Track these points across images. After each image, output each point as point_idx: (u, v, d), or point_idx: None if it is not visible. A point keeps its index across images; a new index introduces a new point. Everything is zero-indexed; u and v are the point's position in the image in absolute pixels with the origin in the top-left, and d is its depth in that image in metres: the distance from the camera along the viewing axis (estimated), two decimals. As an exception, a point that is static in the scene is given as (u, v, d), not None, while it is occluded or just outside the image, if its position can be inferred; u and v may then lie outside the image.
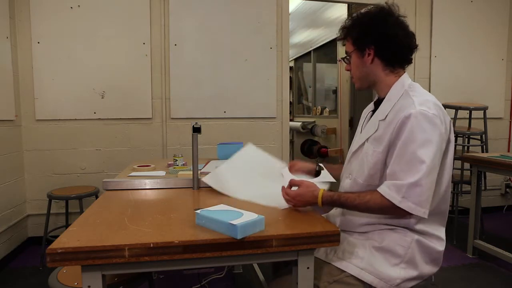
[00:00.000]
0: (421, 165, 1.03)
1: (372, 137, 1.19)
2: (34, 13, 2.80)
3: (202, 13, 3.06)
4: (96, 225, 1.04)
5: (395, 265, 1.14)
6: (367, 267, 1.13)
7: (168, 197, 1.43)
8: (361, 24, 1.20)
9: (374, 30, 1.17)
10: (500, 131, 3.84)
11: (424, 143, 1.04)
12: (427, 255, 1.16)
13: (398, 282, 1.13)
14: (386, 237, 1.16)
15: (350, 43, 1.23)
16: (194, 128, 1.52)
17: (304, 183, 1.17)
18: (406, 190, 1.03)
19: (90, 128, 2.95)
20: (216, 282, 2.33)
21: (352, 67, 1.25)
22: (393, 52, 1.19)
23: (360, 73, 1.24)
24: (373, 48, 1.18)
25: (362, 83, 1.26)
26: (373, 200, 1.08)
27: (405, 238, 1.14)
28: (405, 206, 1.03)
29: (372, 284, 1.13)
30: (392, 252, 1.14)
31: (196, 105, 3.10)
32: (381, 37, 1.17)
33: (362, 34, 1.19)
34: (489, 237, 3.05)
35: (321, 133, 4.98)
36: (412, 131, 1.06)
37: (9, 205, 2.68)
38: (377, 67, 1.20)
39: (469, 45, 3.65)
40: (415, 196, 1.03)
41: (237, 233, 0.91)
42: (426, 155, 1.04)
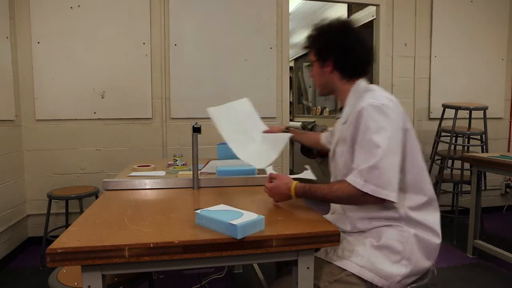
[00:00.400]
0: (377, 149, 1.08)
1: (339, 140, 1.28)
2: (34, 13, 2.80)
3: (202, 13, 3.06)
4: (96, 225, 1.04)
5: (395, 262, 1.15)
6: (367, 265, 1.15)
7: (168, 197, 1.43)
8: (323, 37, 1.29)
9: (334, 44, 1.26)
10: (500, 131, 3.84)
11: (377, 130, 1.10)
12: (425, 249, 1.18)
13: (398, 279, 1.14)
14: (384, 234, 1.18)
15: (312, 53, 1.33)
16: (194, 128, 1.52)
17: (280, 177, 1.25)
18: (367, 174, 1.08)
19: (90, 128, 2.95)
20: (216, 282, 2.33)
21: (313, 75, 1.36)
22: (351, 66, 1.27)
23: (320, 82, 1.35)
24: (332, 61, 1.27)
25: (322, 90, 1.38)
26: (341, 188, 1.13)
27: (402, 234, 1.17)
28: (368, 189, 1.07)
29: (373, 282, 1.14)
30: (391, 249, 1.16)
31: (196, 105, 3.10)
32: (340, 51, 1.25)
33: (324, 47, 1.28)
34: (489, 237, 3.05)
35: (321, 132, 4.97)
36: (365, 122, 1.13)
37: (9, 205, 2.68)
38: (335, 78, 1.29)
39: (469, 45, 3.65)
40: (376, 178, 1.07)
41: (237, 233, 0.91)
42: (380, 140, 1.09)
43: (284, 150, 3.32)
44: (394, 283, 1.14)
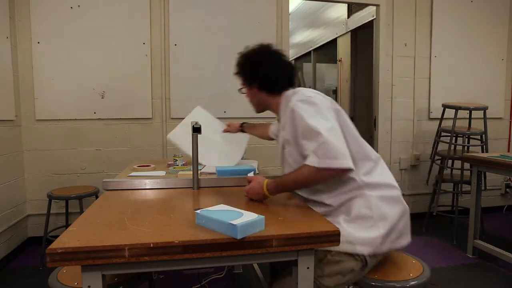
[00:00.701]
0: (317, 129, 1.18)
1: (283, 143, 1.41)
2: (34, 13, 2.80)
3: (202, 13, 3.06)
4: (96, 225, 1.04)
5: (370, 227, 1.23)
6: (348, 239, 1.21)
7: (168, 197, 1.43)
8: (246, 65, 1.48)
9: (256, 69, 1.44)
10: (500, 131, 3.84)
11: (311, 116, 1.22)
12: (390, 204, 1.28)
13: (380, 241, 1.22)
14: (352, 207, 1.26)
15: (241, 78, 1.52)
16: (194, 128, 1.52)
17: (254, 178, 1.34)
18: (319, 151, 1.17)
19: (90, 128, 2.95)
20: (216, 282, 2.33)
21: (247, 96, 1.53)
22: (274, 83, 1.42)
23: (253, 101, 1.52)
24: (257, 82, 1.43)
25: (257, 108, 1.54)
26: (303, 172, 1.20)
27: (366, 199, 1.26)
28: (324, 164, 1.15)
29: (357, 252, 1.21)
30: (362, 217, 1.25)
31: (196, 105, 3.09)
32: (262, 74, 1.42)
33: (247, 74, 1.47)
34: (489, 237, 3.05)
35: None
36: (299, 116, 1.25)
37: (9, 205, 2.68)
38: (264, 96, 1.45)
39: (469, 45, 3.65)
40: (327, 152, 1.16)
41: (237, 233, 0.91)
42: (316, 122, 1.20)
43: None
44: (378, 245, 1.22)
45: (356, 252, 1.21)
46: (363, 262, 1.22)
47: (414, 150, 3.62)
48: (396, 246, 1.28)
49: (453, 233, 3.04)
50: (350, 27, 4.40)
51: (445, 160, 3.17)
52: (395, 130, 3.55)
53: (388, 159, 3.55)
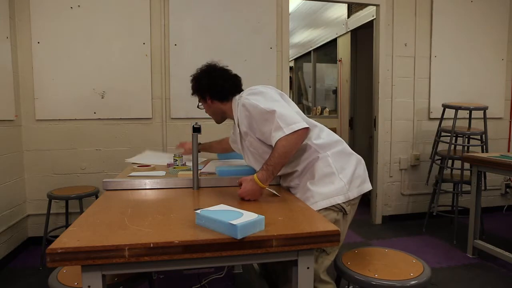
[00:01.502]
0: (270, 109, 1.37)
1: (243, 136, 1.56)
2: (34, 13, 2.80)
3: (202, 13, 3.06)
4: (96, 225, 1.04)
5: (335, 179, 1.43)
6: (321, 196, 1.40)
7: (168, 197, 1.43)
8: (197, 82, 1.65)
9: (205, 84, 1.62)
10: (500, 131, 3.84)
11: (260, 103, 1.41)
12: (343, 156, 1.49)
13: (347, 187, 1.42)
14: (314, 170, 1.45)
15: (197, 95, 1.69)
16: (194, 128, 1.52)
17: (243, 179, 1.39)
18: (281, 124, 1.34)
19: (90, 128, 2.95)
20: (216, 282, 2.33)
21: (206, 110, 1.72)
22: (222, 92, 1.61)
23: (210, 113, 1.70)
24: (209, 95, 1.63)
25: (216, 118, 1.72)
26: (280, 146, 1.34)
27: (324, 159, 1.45)
28: (290, 129, 1.33)
29: (334, 202, 1.39)
30: (325, 175, 1.44)
31: (196, 105, 3.09)
32: (209, 87, 1.62)
33: (200, 89, 1.65)
34: (489, 237, 3.05)
35: (321, 133, 4.97)
36: (251, 105, 1.43)
37: (9, 205, 2.68)
38: (217, 104, 1.64)
39: (469, 45, 3.65)
40: (287, 120, 1.34)
41: (237, 233, 0.91)
42: (267, 104, 1.40)
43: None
44: (346, 192, 1.42)
45: (332, 204, 1.39)
46: (343, 211, 1.42)
47: (414, 150, 3.62)
48: (362, 191, 1.48)
49: (453, 233, 3.04)
50: (350, 27, 4.40)
51: (445, 160, 3.17)
52: (395, 130, 3.55)
53: (388, 159, 3.56)
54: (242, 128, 1.54)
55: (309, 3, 5.32)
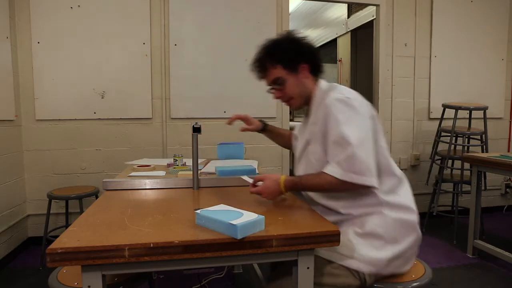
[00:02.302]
0: (349, 139, 1.14)
1: (310, 139, 1.31)
2: (34, 13, 2.80)
3: (202, 13, 3.06)
4: (96, 225, 1.04)
5: (379, 247, 1.19)
6: (353, 255, 1.18)
7: (168, 197, 1.43)
8: (289, 47, 1.32)
9: (304, 49, 1.33)
10: (500, 131, 3.84)
11: (346, 121, 1.16)
12: (405, 229, 1.24)
13: (385, 263, 1.19)
14: (366, 222, 1.22)
15: (280, 68, 1.32)
16: (194, 128, 1.52)
17: (267, 176, 1.26)
18: (344, 164, 1.13)
19: (90, 128, 2.95)
20: (216, 282, 2.33)
21: (288, 89, 1.34)
22: (320, 69, 1.36)
23: (299, 91, 1.34)
24: (307, 64, 1.32)
25: (302, 99, 1.36)
26: (323, 179, 1.17)
27: (383, 219, 1.21)
28: (347, 177, 1.13)
29: (360, 270, 1.17)
30: (374, 235, 1.20)
31: (196, 105, 3.10)
32: (310, 53, 1.34)
33: (294, 55, 1.31)
34: (489, 237, 3.05)
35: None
36: (334, 116, 1.18)
37: (9, 205, 2.68)
38: (309, 82, 1.35)
39: (469, 45, 3.65)
40: (353, 166, 1.12)
41: (237, 233, 0.91)
42: (351, 130, 1.15)
43: (284, 150, 3.32)
44: (382, 267, 1.18)
45: (358, 270, 1.17)
46: (362, 281, 1.18)
47: (414, 150, 3.62)
48: (399, 271, 1.25)
49: (453, 233, 3.04)
50: (350, 27, 4.41)
51: (445, 160, 3.17)
52: (395, 130, 3.56)
53: (388, 159, 3.55)
54: (314, 129, 1.28)
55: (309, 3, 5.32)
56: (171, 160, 2.07)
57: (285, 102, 1.39)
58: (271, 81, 1.36)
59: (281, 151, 3.31)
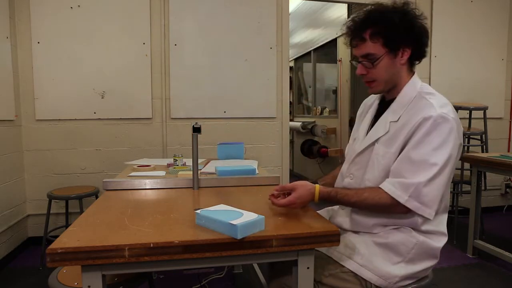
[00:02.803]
0: (432, 167, 1.03)
1: (383, 138, 1.16)
2: (34, 13, 2.80)
3: (202, 13, 3.06)
4: (96, 225, 1.04)
5: (396, 263, 1.14)
6: (367, 264, 1.13)
7: (168, 197, 1.43)
8: (400, 23, 1.09)
9: (415, 30, 1.11)
10: (500, 131, 3.84)
11: (439, 146, 1.03)
12: (428, 254, 1.17)
13: (397, 280, 1.13)
14: (391, 235, 1.15)
15: (379, 44, 1.12)
16: (194, 128, 1.52)
17: (298, 184, 1.15)
18: (414, 190, 1.03)
19: (90, 128, 2.95)
20: (216, 282, 2.33)
21: (378, 70, 1.15)
22: (422, 55, 1.17)
23: (388, 76, 1.16)
24: (410, 49, 1.13)
25: (386, 86, 1.18)
26: (372, 197, 1.08)
27: (410, 239, 1.13)
28: (411, 205, 1.04)
29: (371, 281, 1.13)
30: (394, 251, 1.14)
31: (196, 105, 3.10)
32: (420, 37, 1.13)
33: (402, 34, 1.10)
34: (489, 237, 3.05)
35: (321, 133, 4.98)
36: (429, 133, 1.04)
37: (9, 205, 2.68)
38: (404, 68, 1.17)
39: (469, 45, 3.65)
40: (423, 196, 1.03)
41: (237, 233, 0.91)
42: (439, 158, 1.03)
43: (284, 150, 3.32)
44: (392, 283, 1.13)
45: (368, 280, 1.12)
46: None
47: (414, 150, 3.61)
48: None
49: (453, 233, 3.04)
50: (350, 27, 4.40)
51: (445, 160, 3.17)
52: (395, 130, 3.55)
53: (388, 159, 3.55)
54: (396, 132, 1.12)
55: (309, 3, 5.32)
56: (171, 160, 2.07)
57: (366, 82, 1.20)
58: (362, 54, 1.16)
59: (281, 151, 3.31)
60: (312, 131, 5.20)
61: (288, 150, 3.36)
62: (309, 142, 5.24)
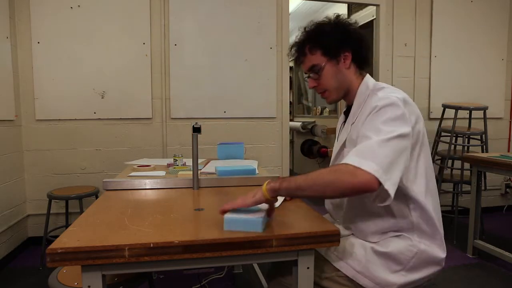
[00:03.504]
0: (383, 132, 0.98)
1: (348, 141, 1.20)
2: (34, 13, 2.80)
3: (202, 13, 3.06)
4: (96, 225, 1.04)
5: (395, 271, 1.12)
6: (364, 271, 1.12)
7: (168, 197, 1.43)
8: (333, 32, 1.17)
9: (350, 34, 1.18)
10: (500, 131, 3.84)
11: (386, 120, 1.01)
12: (428, 263, 1.15)
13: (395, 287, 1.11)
14: (392, 243, 1.13)
15: (319, 54, 1.18)
16: (194, 128, 1.52)
17: None
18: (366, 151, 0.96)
19: (90, 128, 2.95)
20: (216, 282, 2.33)
21: (324, 79, 1.20)
22: (364, 60, 1.22)
23: (336, 82, 1.20)
24: (350, 52, 1.18)
25: (338, 93, 1.22)
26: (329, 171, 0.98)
27: (410, 248, 1.12)
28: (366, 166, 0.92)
29: (367, 287, 1.11)
30: (395, 259, 1.12)
31: (196, 105, 3.10)
32: (357, 41, 1.18)
33: (338, 40, 1.16)
34: (489, 237, 3.05)
35: (321, 133, 4.98)
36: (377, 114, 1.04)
37: (9, 205, 2.68)
38: (351, 73, 1.21)
39: (469, 45, 3.65)
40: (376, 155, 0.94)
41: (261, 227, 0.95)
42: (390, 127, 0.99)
43: (284, 150, 3.32)
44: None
45: (365, 286, 1.11)
46: None
47: (414, 150, 3.61)
48: None
49: (453, 233, 3.04)
50: (350, 27, 4.40)
51: (445, 160, 3.17)
52: (395, 130, 3.55)
53: (388, 159, 3.55)
54: (353, 132, 1.16)
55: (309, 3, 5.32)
56: (171, 160, 2.07)
57: (320, 93, 1.25)
58: (307, 68, 1.22)
59: (281, 151, 3.31)
60: (312, 131, 5.20)
61: (288, 150, 3.36)
62: (309, 142, 5.24)
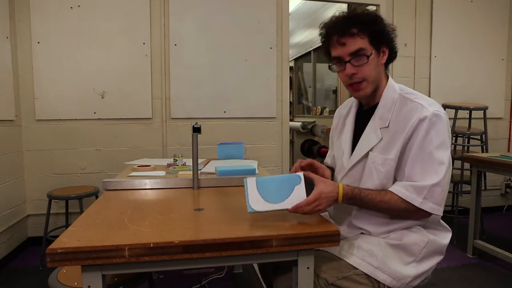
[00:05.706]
0: (440, 166, 1.06)
1: (378, 146, 1.15)
2: (34, 13, 2.80)
3: (202, 13, 3.06)
4: (96, 225, 1.04)
5: (407, 263, 1.15)
6: (381, 266, 1.13)
7: (168, 197, 1.43)
8: (382, 23, 1.12)
9: (390, 30, 1.15)
10: (500, 131, 3.84)
11: (440, 144, 1.07)
12: (436, 251, 1.19)
13: (409, 280, 1.14)
14: (405, 236, 1.16)
15: (366, 40, 1.10)
16: (194, 128, 1.52)
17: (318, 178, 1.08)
18: (428, 192, 1.06)
19: (90, 128, 2.95)
20: (216, 282, 2.33)
21: (368, 68, 1.12)
22: (393, 57, 1.19)
23: (375, 76, 1.15)
24: (388, 48, 1.15)
25: (373, 87, 1.16)
26: (394, 201, 1.09)
27: (421, 238, 1.16)
28: (426, 207, 1.06)
29: (385, 283, 1.13)
30: (407, 251, 1.15)
31: (196, 105, 3.10)
32: (393, 40, 1.16)
33: (384, 33, 1.13)
34: (489, 237, 3.05)
35: (321, 133, 4.98)
36: (428, 133, 1.07)
37: (9, 205, 2.68)
38: (383, 70, 1.18)
39: (469, 45, 3.65)
40: (435, 196, 1.06)
41: None
42: (443, 156, 1.07)
43: (284, 150, 3.32)
44: (404, 284, 1.14)
45: (383, 282, 1.12)
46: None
47: (414, 150, 3.61)
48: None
49: (453, 233, 3.02)
50: (350, 27, 4.40)
51: (445, 160, 3.17)
52: (395, 130, 3.55)
53: (388, 159, 3.55)
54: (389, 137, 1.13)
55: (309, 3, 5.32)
56: (171, 160, 2.06)
57: (355, 84, 1.15)
58: (352, 51, 1.11)
59: (281, 151, 3.31)
60: (312, 131, 5.20)
61: (288, 150, 3.36)
62: (309, 142, 5.24)
